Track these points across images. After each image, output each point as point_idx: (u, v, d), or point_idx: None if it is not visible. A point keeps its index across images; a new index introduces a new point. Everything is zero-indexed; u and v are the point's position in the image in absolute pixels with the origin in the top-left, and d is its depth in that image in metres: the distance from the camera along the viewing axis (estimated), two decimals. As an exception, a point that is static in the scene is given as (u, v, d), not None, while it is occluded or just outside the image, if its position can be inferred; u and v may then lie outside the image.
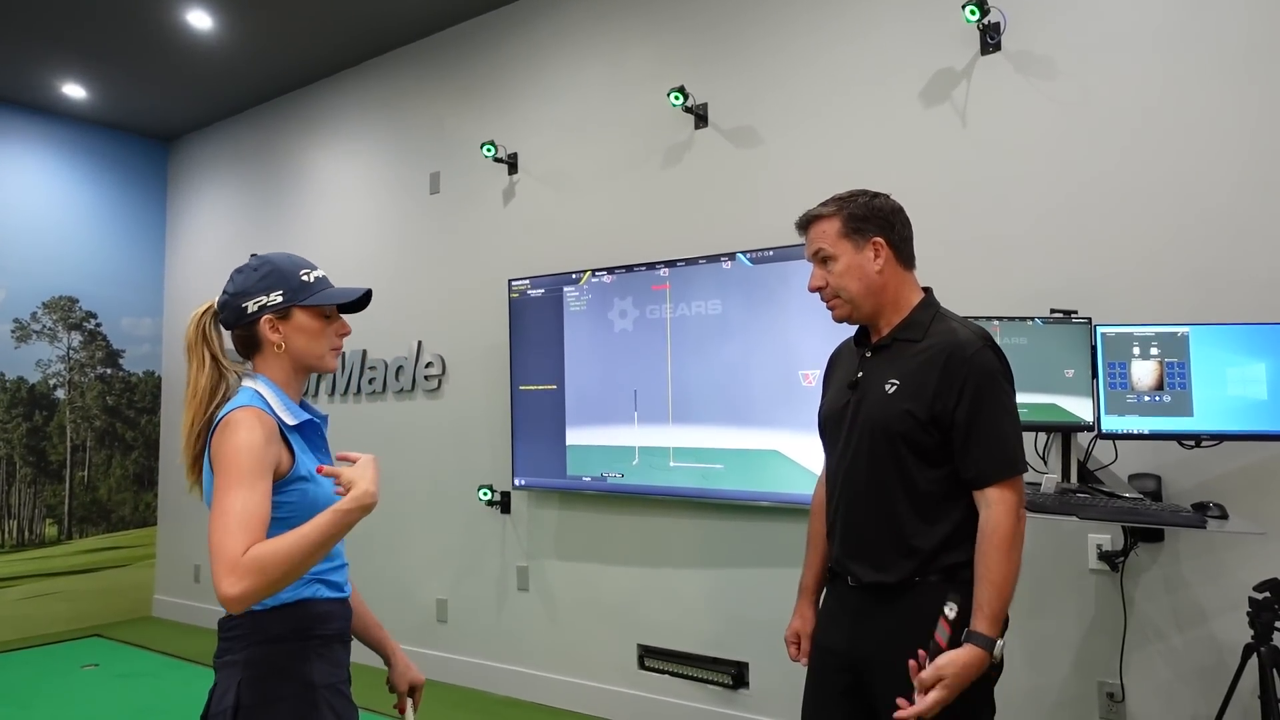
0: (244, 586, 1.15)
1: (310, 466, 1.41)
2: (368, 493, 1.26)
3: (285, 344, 1.44)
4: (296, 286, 1.44)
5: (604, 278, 3.54)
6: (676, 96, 3.35)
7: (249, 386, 1.42)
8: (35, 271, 5.33)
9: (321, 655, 1.39)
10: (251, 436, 1.29)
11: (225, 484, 1.25)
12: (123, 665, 4.54)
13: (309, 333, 1.45)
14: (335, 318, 1.49)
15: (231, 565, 1.16)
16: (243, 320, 1.43)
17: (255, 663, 1.34)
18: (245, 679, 1.33)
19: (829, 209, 1.71)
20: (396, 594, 4.39)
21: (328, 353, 1.48)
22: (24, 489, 5.28)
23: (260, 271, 1.44)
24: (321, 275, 1.49)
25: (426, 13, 4.22)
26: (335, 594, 1.45)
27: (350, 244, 4.75)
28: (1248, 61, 2.41)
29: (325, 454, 1.50)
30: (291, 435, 1.40)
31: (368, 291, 1.50)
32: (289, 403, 1.43)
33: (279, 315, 1.43)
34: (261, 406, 1.37)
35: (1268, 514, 2.31)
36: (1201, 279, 2.45)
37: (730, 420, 3.19)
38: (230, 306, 1.44)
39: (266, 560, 1.17)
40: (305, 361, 1.46)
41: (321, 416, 1.53)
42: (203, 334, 1.44)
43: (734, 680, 3.24)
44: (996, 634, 1.50)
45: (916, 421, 1.58)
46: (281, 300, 1.43)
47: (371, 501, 1.26)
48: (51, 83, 4.99)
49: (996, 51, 2.79)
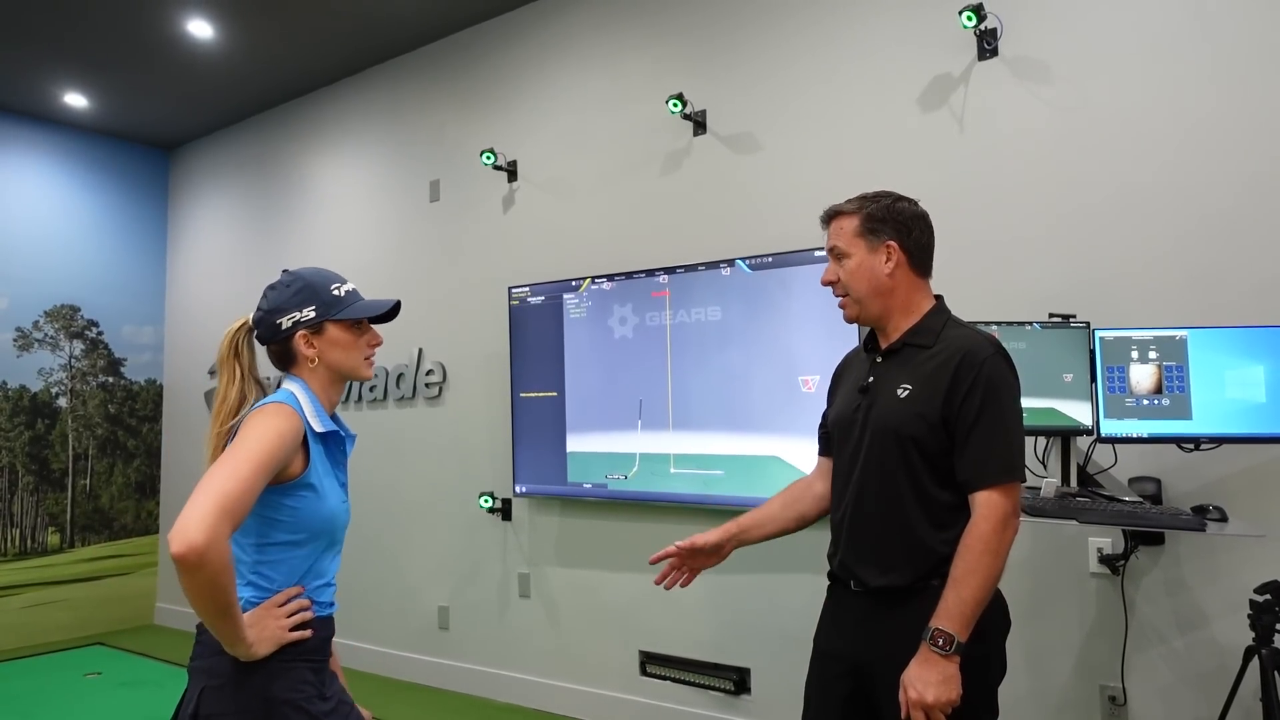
0: (201, 552, 1.17)
1: (322, 477, 1.43)
2: (252, 648, 1.32)
3: (320, 358, 1.48)
4: (329, 300, 1.48)
5: (604, 285, 3.55)
6: (675, 103, 3.36)
7: (287, 388, 1.46)
8: (37, 280, 5.35)
9: (288, 671, 1.38)
10: (280, 427, 1.33)
11: (236, 456, 1.27)
12: (125, 674, 4.54)
13: (343, 345, 1.49)
14: (367, 329, 1.54)
15: (204, 525, 1.17)
16: (278, 336, 1.47)
17: (218, 672, 1.35)
18: (208, 688, 1.35)
19: (851, 206, 1.72)
20: (398, 601, 4.39)
21: (362, 362, 1.53)
22: (26, 497, 5.29)
23: (293, 288, 1.48)
24: (352, 288, 1.52)
25: (426, 21, 4.23)
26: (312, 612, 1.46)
27: (351, 251, 4.76)
28: (1244, 66, 2.42)
29: (343, 470, 1.52)
30: (314, 443, 1.42)
31: (398, 303, 1.55)
32: (320, 410, 1.46)
33: (313, 330, 1.47)
34: (295, 407, 1.40)
35: (1267, 516, 2.31)
36: (1199, 282, 2.45)
37: (730, 426, 3.19)
38: (265, 323, 1.48)
39: (215, 574, 1.19)
40: (341, 372, 1.50)
41: (350, 435, 1.55)
42: (234, 349, 1.48)
43: (735, 686, 3.24)
44: (957, 631, 1.47)
45: (928, 425, 1.58)
46: (314, 315, 1.47)
47: (249, 654, 1.32)
48: (53, 92, 5.01)
49: (993, 57, 2.80)
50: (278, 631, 1.36)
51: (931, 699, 1.45)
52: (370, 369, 1.55)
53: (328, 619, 1.48)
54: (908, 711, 1.48)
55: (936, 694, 1.45)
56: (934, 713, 1.46)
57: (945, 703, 1.46)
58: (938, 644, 1.47)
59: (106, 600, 5.53)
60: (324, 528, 1.44)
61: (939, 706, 1.45)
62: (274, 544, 1.40)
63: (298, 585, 1.42)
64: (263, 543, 1.40)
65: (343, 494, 1.51)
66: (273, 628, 1.36)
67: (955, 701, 1.46)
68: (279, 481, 1.36)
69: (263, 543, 1.40)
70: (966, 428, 1.56)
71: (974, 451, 1.56)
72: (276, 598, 1.39)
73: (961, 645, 1.47)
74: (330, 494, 1.45)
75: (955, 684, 1.46)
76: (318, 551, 1.45)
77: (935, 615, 1.50)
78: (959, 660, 1.47)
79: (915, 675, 1.48)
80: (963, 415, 1.56)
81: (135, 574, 5.71)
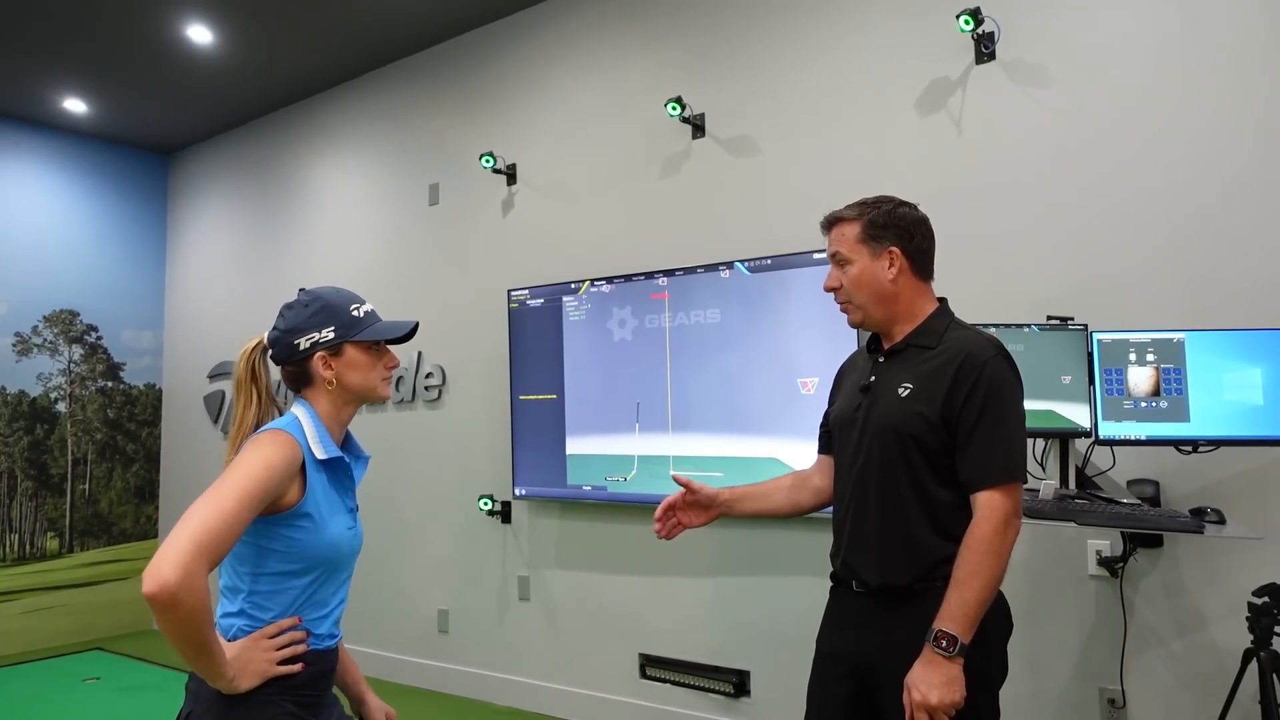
0: (172, 592, 1.13)
1: (321, 505, 1.38)
2: (233, 682, 1.29)
3: (338, 379, 1.44)
4: (348, 322, 1.45)
5: (603, 287, 3.56)
6: (674, 107, 3.37)
7: (292, 412, 1.43)
8: (36, 285, 5.35)
9: (267, 706, 1.34)
10: (269, 458, 1.29)
11: (221, 490, 1.23)
12: (124, 678, 4.54)
13: (361, 367, 1.46)
14: (384, 350, 1.50)
15: (178, 563, 1.14)
16: (295, 357, 1.44)
17: (204, 697, 1.32)
18: (194, 713, 1.33)
19: (851, 212, 1.72)
20: (397, 605, 4.39)
21: (380, 384, 1.49)
22: (25, 502, 5.28)
23: (311, 308, 1.44)
24: (370, 309, 1.50)
25: (425, 25, 4.24)
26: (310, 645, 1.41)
27: (350, 255, 4.77)
28: (1241, 68, 2.43)
29: (350, 496, 1.48)
30: (314, 470, 1.38)
31: (416, 324, 1.52)
32: (325, 436, 1.42)
33: (331, 352, 1.44)
34: (296, 435, 1.36)
35: (1265, 519, 2.32)
36: (1197, 285, 2.46)
37: (729, 428, 3.20)
38: (282, 343, 1.44)
39: (190, 612, 1.16)
40: (359, 394, 1.47)
41: (363, 457, 1.53)
42: (252, 371, 1.45)
43: (735, 689, 3.24)
44: (960, 632, 1.47)
45: (928, 424, 1.59)
46: (334, 336, 1.44)
47: (230, 688, 1.29)
48: (52, 97, 5.02)
49: (991, 61, 2.81)
50: (264, 665, 1.32)
51: (935, 700, 1.45)
52: (388, 389, 1.51)
53: (326, 652, 1.43)
54: (911, 713, 1.49)
55: (940, 695, 1.45)
56: (937, 714, 1.46)
57: (949, 704, 1.46)
58: (941, 645, 1.47)
59: (106, 605, 5.52)
60: (324, 556, 1.39)
61: (943, 708, 1.46)
62: (271, 573, 1.36)
63: (294, 616, 1.38)
64: (259, 572, 1.36)
65: (350, 519, 1.46)
66: (259, 660, 1.32)
67: (959, 703, 1.47)
68: (274, 511, 1.33)
69: (259, 572, 1.36)
70: (968, 428, 1.57)
71: (975, 452, 1.56)
72: (268, 629, 1.35)
73: (965, 647, 1.47)
74: (332, 522, 1.40)
75: (959, 685, 1.47)
76: (319, 581, 1.41)
77: (938, 617, 1.50)
78: (962, 662, 1.48)
79: (919, 677, 1.48)
80: (964, 416, 1.57)
81: (134, 579, 5.69)
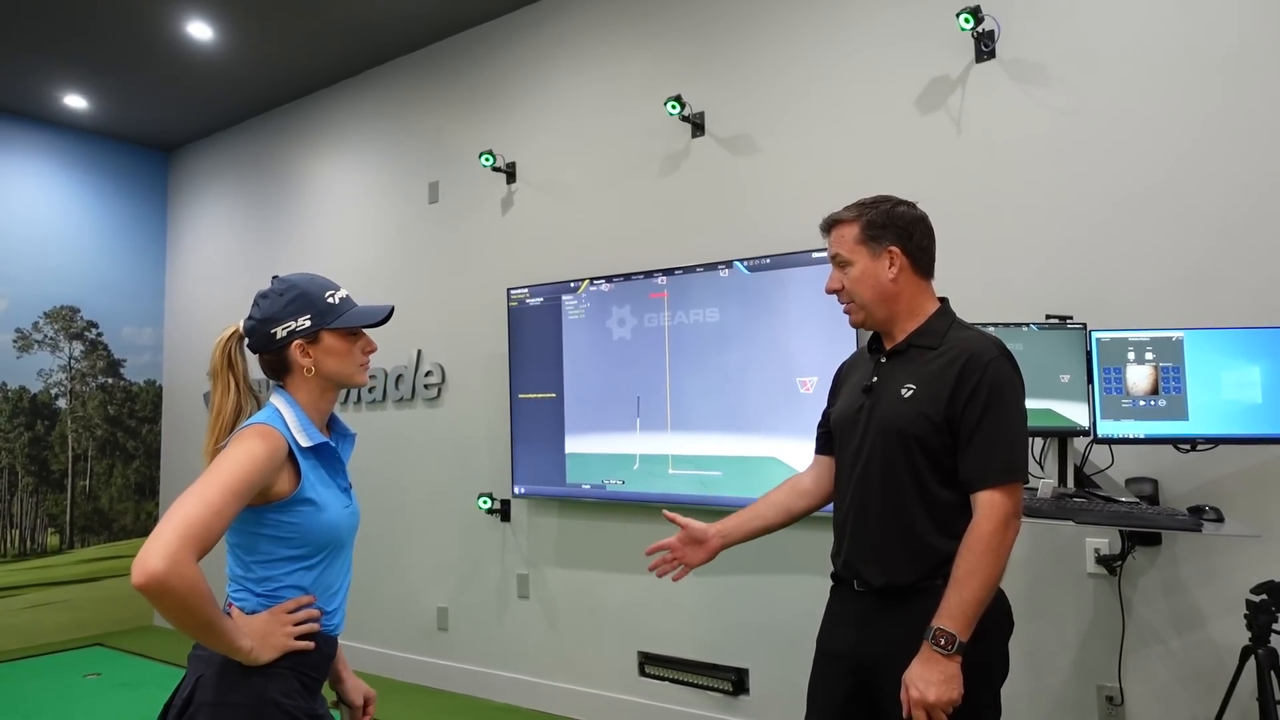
0: (160, 580, 1.15)
1: (318, 490, 1.41)
2: (252, 654, 1.31)
3: (316, 367, 1.45)
4: (324, 309, 1.45)
5: (602, 286, 3.56)
6: (673, 105, 3.37)
7: (272, 404, 1.43)
8: (37, 281, 5.35)
9: (283, 678, 1.37)
10: (254, 452, 1.30)
11: (207, 483, 1.25)
12: (124, 674, 4.55)
13: (338, 354, 1.47)
14: (361, 336, 1.51)
15: (164, 553, 1.16)
16: (272, 345, 1.44)
17: (217, 662, 1.34)
18: (205, 676, 1.34)
19: (850, 214, 1.72)
20: (397, 602, 4.39)
21: (357, 369, 1.51)
22: (26, 498, 5.29)
23: (286, 296, 1.44)
24: (345, 295, 1.50)
25: (425, 23, 4.24)
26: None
27: (349, 253, 4.77)
28: (1240, 67, 2.43)
29: (342, 475, 1.50)
30: (304, 457, 1.40)
31: (392, 309, 1.52)
32: (307, 424, 1.43)
33: (308, 339, 1.44)
34: (278, 426, 1.37)
35: (1264, 517, 2.32)
36: (1196, 283, 2.46)
37: (728, 427, 3.20)
38: (258, 332, 1.44)
39: (182, 598, 1.18)
40: (337, 380, 1.48)
41: (349, 435, 1.54)
42: (228, 359, 1.46)
43: (734, 686, 3.25)
44: (959, 631, 1.48)
45: (931, 425, 1.59)
46: (310, 324, 1.44)
47: (250, 659, 1.31)
48: (53, 94, 5.02)
49: (991, 59, 2.81)
50: (282, 639, 1.36)
51: (933, 698, 1.46)
52: (365, 375, 1.53)
53: (331, 639, 1.47)
54: (909, 711, 1.49)
55: (938, 693, 1.46)
56: (935, 712, 1.47)
57: (946, 702, 1.46)
58: (939, 643, 1.48)
59: (106, 601, 5.53)
60: (329, 538, 1.43)
61: (940, 706, 1.46)
62: (278, 559, 1.39)
63: (309, 595, 1.42)
64: (269, 559, 1.39)
65: (346, 498, 1.49)
66: (278, 634, 1.35)
67: (956, 701, 1.47)
68: (272, 500, 1.35)
69: (269, 559, 1.39)
70: (970, 428, 1.57)
71: (977, 452, 1.56)
72: (286, 604, 1.38)
73: (963, 645, 1.48)
74: (330, 503, 1.43)
75: (957, 683, 1.47)
76: (325, 563, 1.44)
77: (937, 615, 1.50)
78: (961, 660, 1.48)
79: (917, 674, 1.49)
80: (966, 416, 1.57)
81: (134, 575, 5.71)
